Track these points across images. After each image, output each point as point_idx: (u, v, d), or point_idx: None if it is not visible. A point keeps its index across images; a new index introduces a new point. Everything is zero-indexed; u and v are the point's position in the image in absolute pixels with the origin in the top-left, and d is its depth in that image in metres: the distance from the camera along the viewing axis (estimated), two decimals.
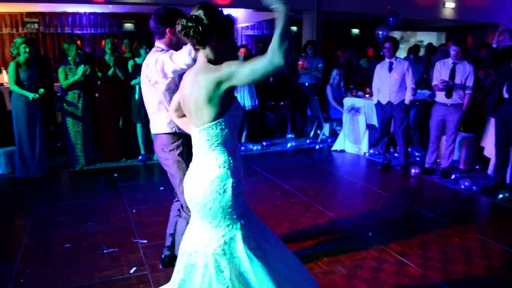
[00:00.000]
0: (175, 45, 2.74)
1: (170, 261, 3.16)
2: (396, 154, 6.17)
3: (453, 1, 10.66)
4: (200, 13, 1.91)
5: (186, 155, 2.82)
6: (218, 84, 1.86)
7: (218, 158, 1.97)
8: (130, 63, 6.10)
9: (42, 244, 3.65)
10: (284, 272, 2.11)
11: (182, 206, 2.94)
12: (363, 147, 6.62)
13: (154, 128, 2.92)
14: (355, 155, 6.67)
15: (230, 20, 2.02)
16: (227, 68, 1.84)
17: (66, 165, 6.00)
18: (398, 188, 5.20)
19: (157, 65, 2.62)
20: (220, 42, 1.97)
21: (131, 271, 3.16)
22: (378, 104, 5.74)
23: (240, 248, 2.02)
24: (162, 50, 2.75)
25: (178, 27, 1.94)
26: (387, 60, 5.59)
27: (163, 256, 3.24)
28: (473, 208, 4.67)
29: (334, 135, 7.86)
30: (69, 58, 5.74)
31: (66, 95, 5.77)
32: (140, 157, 6.29)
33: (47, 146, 5.81)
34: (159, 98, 2.79)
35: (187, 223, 2.85)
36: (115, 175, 5.61)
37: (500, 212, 4.38)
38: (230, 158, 1.99)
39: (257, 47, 9.22)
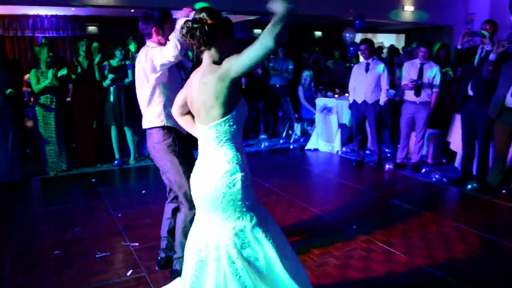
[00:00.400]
0: (164, 43, 2.83)
1: (166, 263, 3.21)
2: (368, 152, 6.42)
3: (411, 4, 11.13)
4: (203, 15, 2.03)
5: (178, 151, 2.89)
6: (222, 80, 1.96)
7: (227, 153, 2.06)
8: (105, 63, 6.03)
9: (30, 251, 3.58)
10: (287, 266, 2.22)
11: (179, 199, 2.99)
12: (336, 146, 6.85)
13: (146, 123, 2.98)
14: (328, 153, 6.89)
15: (230, 21, 2.15)
16: (226, 63, 1.96)
17: (39, 172, 5.86)
18: (374, 183, 5.43)
19: (147, 60, 2.75)
20: (224, 41, 2.08)
21: (128, 274, 3.17)
22: (354, 103, 5.96)
23: (250, 239, 2.12)
24: (155, 47, 2.85)
25: (184, 30, 2.03)
26: (364, 61, 5.82)
27: (159, 258, 3.26)
28: (445, 199, 4.96)
29: (305, 134, 8.08)
30: (41, 61, 5.62)
31: (39, 100, 5.65)
32: (116, 162, 6.23)
33: (20, 152, 5.66)
34: (150, 92, 2.87)
35: (186, 216, 2.92)
36: (93, 180, 5.54)
37: (470, 201, 4.69)
38: (238, 153, 2.08)
39: None
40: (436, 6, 11.39)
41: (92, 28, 12.30)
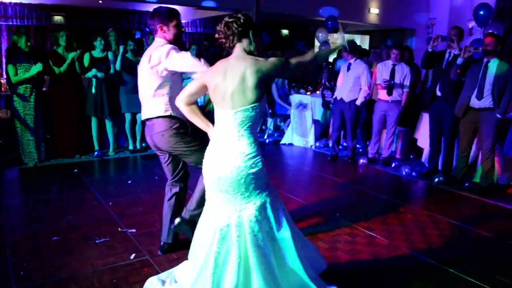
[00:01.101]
0: (170, 39, 3.03)
1: (169, 249, 3.37)
2: (341, 147, 6.78)
3: (376, 7, 11.65)
4: (237, 15, 2.35)
5: (190, 132, 3.08)
6: (264, 74, 2.27)
7: (249, 137, 2.34)
8: (86, 56, 6.04)
9: (28, 239, 3.62)
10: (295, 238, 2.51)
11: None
12: (310, 140, 7.18)
13: (149, 113, 3.08)
14: (303, 148, 7.21)
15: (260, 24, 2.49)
16: (276, 61, 2.28)
17: (17, 162, 5.80)
18: (349, 175, 5.78)
19: (167, 58, 2.90)
20: (256, 36, 2.37)
21: (132, 257, 3.31)
22: (335, 100, 6.32)
23: (269, 212, 2.41)
24: (165, 43, 3.03)
25: (221, 25, 2.33)
26: (347, 61, 6.15)
27: (162, 243, 3.39)
28: (416, 190, 5.37)
29: (278, 130, 8.38)
30: (21, 48, 5.57)
31: (17, 90, 5.60)
32: (96, 153, 6.26)
33: None
34: (158, 84, 3.01)
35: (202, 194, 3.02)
36: (76, 170, 5.57)
37: (438, 193, 5.11)
38: (256, 137, 2.38)
39: (204, 45, 9.42)
40: (399, 10, 11.97)
41: (58, 18, 12.04)
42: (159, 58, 2.92)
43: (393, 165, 6.04)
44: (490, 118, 4.81)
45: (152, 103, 3.06)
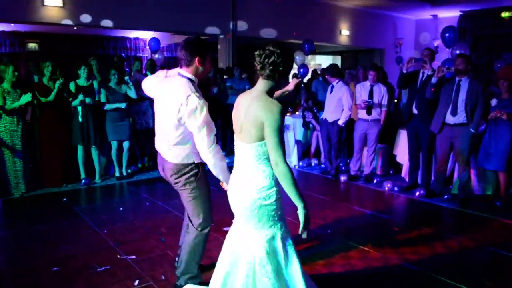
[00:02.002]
0: (200, 74, 2.90)
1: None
2: (322, 165, 7.01)
3: (347, 29, 12.14)
4: (278, 49, 2.32)
5: (200, 182, 3.00)
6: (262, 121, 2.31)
7: (264, 170, 2.41)
8: (72, 85, 6.08)
9: (27, 270, 3.62)
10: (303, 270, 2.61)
11: (190, 221, 3.12)
12: (293, 160, 7.38)
13: (170, 158, 2.95)
14: None
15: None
16: (275, 121, 2.26)
17: (3, 193, 5.73)
18: (335, 193, 5.98)
19: (187, 105, 2.71)
20: (282, 77, 2.40)
21: (136, 283, 3.37)
22: (322, 120, 6.60)
23: (279, 245, 2.48)
24: (187, 79, 2.84)
25: (267, 59, 2.30)
26: (331, 83, 6.45)
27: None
28: (399, 205, 5.61)
29: None
30: (6, 80, 5.57)
31: (5, 120, 5.59)
32: (82, 181, 6.26)
33: None
34: (181, 131, 2.85)
35: (195, 237, 3.07)
36: (65, 199, 5.56)
37: (420, 206, 5.38)
38: (273, 170, 2.39)
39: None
40: (369, 31, 12.52)
41: (32, 45, 12.01)
42: (186, 113, 2.74)
43: (375, 181, 6.29)
44: (464, 133, 5.13)
45: (175, 150, 2.92)
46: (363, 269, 3.59)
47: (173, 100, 2.79)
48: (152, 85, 3.15)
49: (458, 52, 7.15)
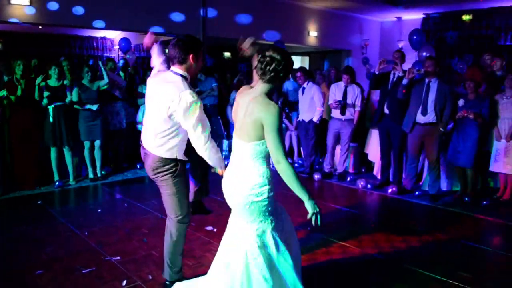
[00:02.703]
0: (194, 71, 2.94)
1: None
2: (296, 164, 7.16)
3: (315, 30, 12.36)
4: (279, 56, 2.43)
5: (180, 179, 3.04)
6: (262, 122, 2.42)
7: (259, 168, 2.52)
8: (38, 80, 5.92)
9: (10, 274, 3.55)
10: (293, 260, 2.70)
11: (169, 216, 3.14)
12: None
13: (155, 150, 2.97)
14: None
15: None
16: (274, 122, 2.37)
17: None
18: (309, 190, 6.10)
19: (180, 102, 2.74)
20: (282, 82, 2.52)
21: (123, 284, 3.37)
22: (299, 122, 6.76)
23: (270, 239, 2.59)
24: (181, 76, 2.87)
25: (269, 65, 2.40)
26: (302, 85, 6.58)
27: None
28: (372, 201, 5.82)
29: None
30: None
31: None
32: (56, 183, 6.13)
33: None
34: (170, 125, 2.89)
35: (176, 231, 3.11)
36: (40, 202, 5.44)
37: (393, 202, 5.61)
38: (267, 169, 2.55)
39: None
40: (336, 33, 12.78)
41: None
42: (179, 110, 2.77)
43: (348, 179, 6.49)
44: (434, 132, 5.39)
45: (159, 142, 2.95)
46: (344, 263, 3.74)
47: (165, 94, 2.83)
48: (148, 82, 3.13)
49: (424, 54, 7.47)
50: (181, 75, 2.89)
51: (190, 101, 2.74)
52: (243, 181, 2.52)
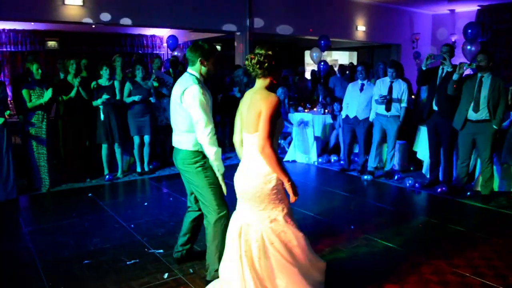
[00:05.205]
0: (204, 73, 3.19)
1: (182, 258, 3.64)
2: (341, 162, 7.04)
3: (363, 24, 12.08)
4: (268, 51, 2.63)
5: (210, 171, 3.17)
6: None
7: None
8: (93, 84, 6.19)
9: (59, 263, 3.73)
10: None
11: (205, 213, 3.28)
12: (312, 157, 7.42)
13: (182, 144, 3.21)
14: (306, 164, 7.44)
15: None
16: (269, 110, 2.54)
17: (28, 188, 5.87)
18: (355, 188, 6.02)
19: (193, 99, 3.01)
20: (273, 71, 2.66)
21: (165, 277, 3.45)
22: (346, 118, 6.60)
23: (282, 226, 2.69)
24: (193, 76, 3.14)
25: (253, 60, 2.60)
26: (359, 82, 6.46)
27: (175, 255, 3.65)
28: (420, 201, 5.62)
29: (279, 147, 8.60)
30: (34, 75, 5.69)
31: (31, 117, 5.72)
32: (106, 177, 6.37)
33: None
34: (188, 121, 3.11)
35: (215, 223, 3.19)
36: (90, 194, 5.68)
37: (442, 202, 5.38)
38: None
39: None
40: (385, 27, 12.44)
41: (51, 43, 12.17)
42: (188, 101, 3.04)
43: (396, 177, 6.29)
44: (487, 129, 5.11)
45: (187, 137, 3.16)
46: (386, 264, 3.62)
47: (179, 90, 3.12)
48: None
49: (473, 48, 7.12)
50: (194, 75, 3.16)
51: (193, 92, 3.00)
52: (252, 170, 2.66)
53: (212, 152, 3.02)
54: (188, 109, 3.05)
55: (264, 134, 2.52)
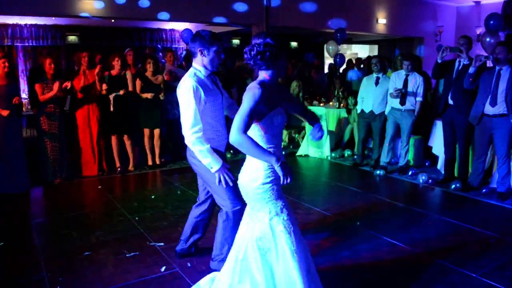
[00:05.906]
0: (207, 64, 3.03)
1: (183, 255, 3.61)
2: (355, 157, 6.89)
3: (384, 17, 11.79)
4: (267, 39, 2.41)
5: None
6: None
7: None
8: (106, 76, 6.21)
9: (61, 254, 3.76)
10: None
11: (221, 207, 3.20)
12: (326, 151, 7.28)
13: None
14: (319, 159, 7.31)
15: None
16: (247, 101, 2.35)
17: (41, 180, 5.96)
18: (367, 184, 5.89)
19: (179, 98, 2.99)
20: (273, 61, 2.42)
21: (162, 270, 3.43)
22: (361, 112, 6.48)
23: (282, 223, 2.48)
24: (194, 69, 3.05)
25: (252, 52, 2.38)
26: (374, 75, 6.31)
27: (178, 250, 3.62)
28: (433, 198, 5.43)
29: (293, 142, 8.51)
30: (45, 72, 5.76)
31: (44, 109, 5.79)
32: (118, 170, 6.41)
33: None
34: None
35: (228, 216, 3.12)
36: (99, 187, 5.72)
37: (456, 199, 5.19)
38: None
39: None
40: (407, 19, 12.10)
41: (72, 38, 12.33)
42: (178, 97, 3.02)
43: (409, 173, 6.11)
44: (504, 124, 4.89)
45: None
46: (393, 263, 3.50)
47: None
48: None
49: (492, 41, 6.83)
50: (195, 69, 3.06)
51: (182, 83, 2.95)
52: (244, 168, 2.54)
53: (197, 151, 2.95)
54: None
55: (235, 124, 2.31)
